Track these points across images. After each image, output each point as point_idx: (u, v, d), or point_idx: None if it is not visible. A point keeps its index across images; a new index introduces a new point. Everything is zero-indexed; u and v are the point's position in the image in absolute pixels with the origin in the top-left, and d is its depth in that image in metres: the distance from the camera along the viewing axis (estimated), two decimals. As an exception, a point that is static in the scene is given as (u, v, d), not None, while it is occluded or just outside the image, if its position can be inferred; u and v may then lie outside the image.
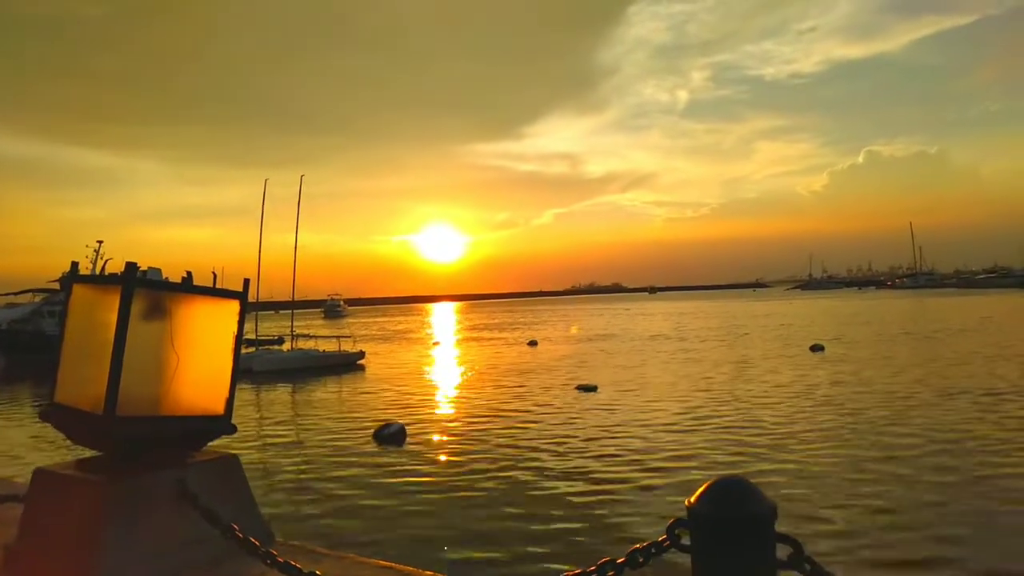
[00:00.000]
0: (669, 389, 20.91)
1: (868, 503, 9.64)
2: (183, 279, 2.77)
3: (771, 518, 1.46)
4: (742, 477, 1.52)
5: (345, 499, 10.84)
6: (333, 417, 18.75)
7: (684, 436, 14.26)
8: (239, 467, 2.85)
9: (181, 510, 2.46)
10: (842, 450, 12.57)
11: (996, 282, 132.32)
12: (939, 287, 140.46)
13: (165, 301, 2.64)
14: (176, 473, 2.54)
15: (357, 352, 34.09)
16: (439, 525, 9.41)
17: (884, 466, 11.43)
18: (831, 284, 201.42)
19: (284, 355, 33.31)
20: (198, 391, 2.75)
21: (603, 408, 18.08)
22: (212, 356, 2.81)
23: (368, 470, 12.61)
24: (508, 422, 16.69)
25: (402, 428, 15.38)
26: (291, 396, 24.45)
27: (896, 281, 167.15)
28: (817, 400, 17.85)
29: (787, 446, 13.02)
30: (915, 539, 8.31)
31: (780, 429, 14.50)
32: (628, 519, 9.39)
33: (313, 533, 9.04)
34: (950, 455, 11.91)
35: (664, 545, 1.61)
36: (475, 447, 14.11)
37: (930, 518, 8.99)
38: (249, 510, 2.80)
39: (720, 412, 16.72)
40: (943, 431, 13.70)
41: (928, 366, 23.67)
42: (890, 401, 17.23)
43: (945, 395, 17.70)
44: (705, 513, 1.47)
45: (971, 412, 15.46)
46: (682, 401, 18.59)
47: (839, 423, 14.90)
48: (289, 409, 21.59)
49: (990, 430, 13.63)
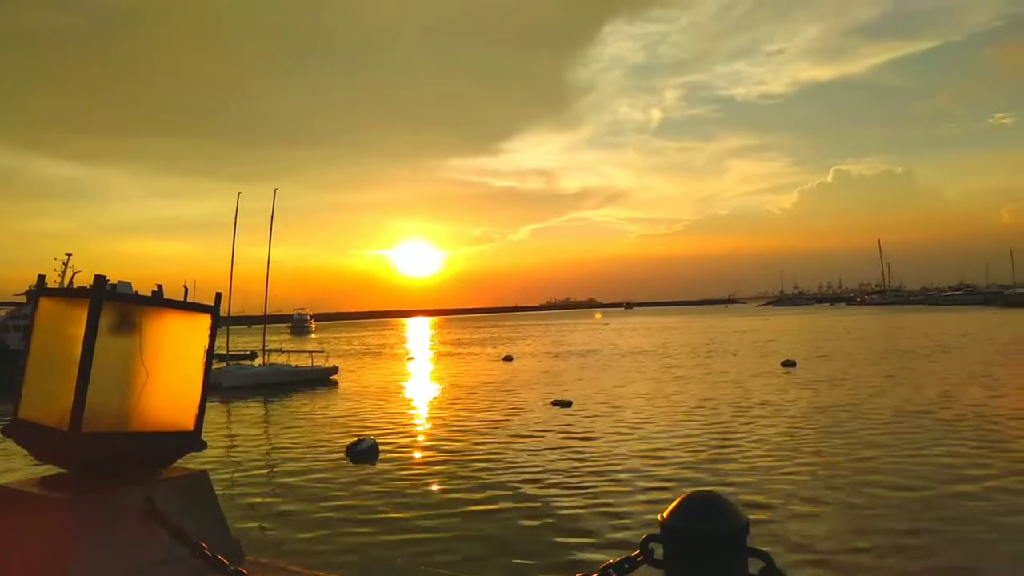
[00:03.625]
0: (643, 404, 20.98)
1: (840, 517, 9.74)
2: (153, 293, 2.74)
3: (743, 532, 1.47)
4: (715, 491, 1.53)
5: (316, 516, 10.69)
6: (305, 433, 18.52)
7: (658, 450, 14.31)
8: (208, 484, 2.80)
9: (149, 528, 2.42)
10: (815, 465, 12.69)
11: (961, 299, 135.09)
12: (906, 303, 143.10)
13: (134, 315, 2.60)
14: (144, 490, 2.49)
15: (330, 367, 33.80)
16: (411, 542, 9.31)
17: (856, 480, 11.55)
18: (802, 300, 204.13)
19: (255, 370, 32.89)
20: (167, 407, 2.71)
21: (577, 423, 18.08)
22: (182, 371, 2.77)
23: (340, 487, 12.46)
24: (482, 438, 16.62)
25: (374, 444, 15.24)
26: (262, 412, 24.12)
27: (865, 297, 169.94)
28: (789, 415, 18.02)
29: (759, 461, 13.12)
30: (883, 553, 8.40)
31: (753, 444, 14.61)
32: (601, 534, 9.38)
33: (283, 551, 8.90)
34: (919, 470, 12.08)
35: (637, 560, 1.61)
36: (448, 463, 14.02)
37: (897, 531, 9.10)
38: (218, 528, 2.76)
39: (693, 427, 16.81)
40: (914, 447, 13.91)
41: (902, 383, 24.05)
42: (862, 416, 17.45)
43: (913, 410, 17.98)
44: (678, 527, 1.47)
45: (940, 430, 15.71)
46: (656, 416, 18.66)
47: (812, 438, 15.06)
48: (260, 425, 21.29)
49: (960, 447, 13.87)
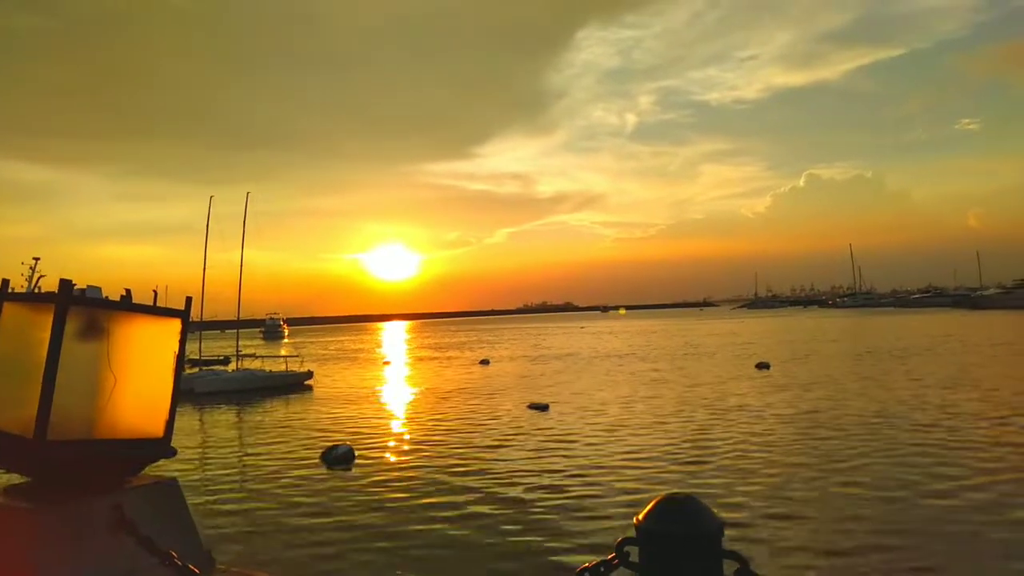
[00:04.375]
0: (620, 407, 21.06)
1: (813, 519, 9.85)
2: (122, 297, 2.68)
3: (718, 534, 1.48)
4: (690, 494, 1.54)
5: (290, 523, 10.57)
6: (279, 439, 18.33)
7: (634, 453, 14.36)
8: (179, 492, 2.75)
9: (117, 538, 2.37)
10: (789, 467, 12.83)
11: (930, 301, 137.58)
12: (877, 306, 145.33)
13: (102, 319, 2.55)
14: (112, 499, 2.44)
15: (305, 372, 33.51)
16: (387, 548, 9.25)
17: (829, 482, 11.70)
18: (776, 303, 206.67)
19: (228, 375, 32.50)
20: (136, 413, 2.65)
21: (554, 426, 18.10)
22: (151, 376, 2.72)
23: (314, 493, 12.35)
24: (459, 442, 16.57)
25: (350, 450, 15.12)
26: (235, 418, 23.82)
27: (837, 300, 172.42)
28: (763, 417, 18.20)
29: (734, 463, 13.23)
30: (858, 554, 8.51)
31: (728, 446, 14.73)
32: (577, 538, 9.38)
33: (257, 559, 8.79)
34: (891, 469, 12.27)
35: (613, 563, 1.61)
36: (425, 468, 13.95)
37: (871, 532, 9.22)
38: (189, 536, 2.71)
39: (669, 429, 16.91)
40: (888, 448, 14.12)
41: (876, 385, 24.41)
42: (834, 418, 17.67)
43: (883, 411, 18.26)
44: (653, 530, 1.47)
45: (914, 432, 15.97)
46: (632, 419, 18.74)
47: (786, 441, 15.22)
48: (233, 431, 21.03)
49: (935, 442, 14.10)
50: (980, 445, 13.90)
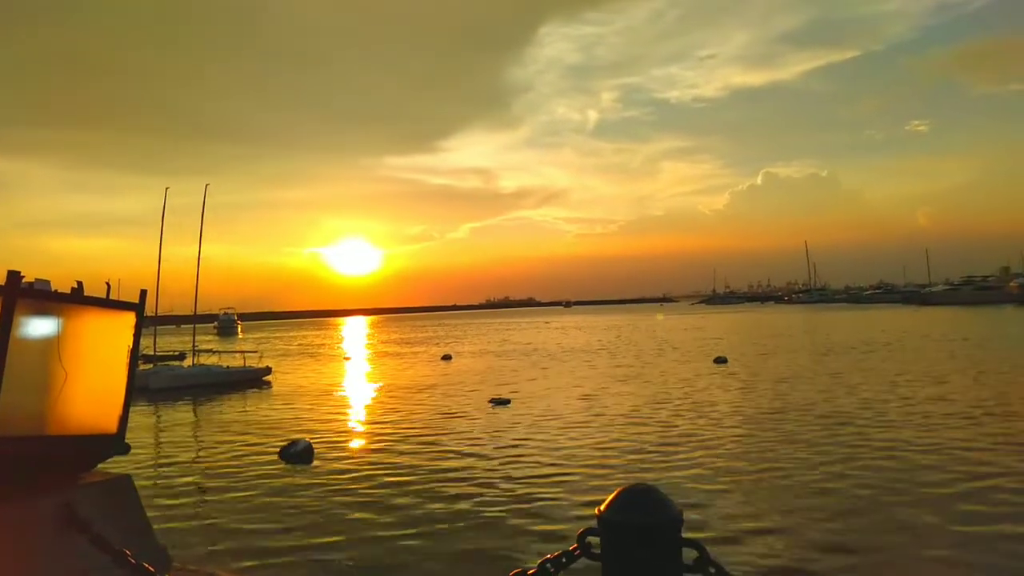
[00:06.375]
0: (581, 401, 21.21)
1: (768, 506, 10.06)
2: (73, 289, 2.61)
3: (678, 524, 1.50)
4: (650, 484, 1.56)
5: (247, 520, 10.42)
6: (236, 435, 18.04)
7: (595, 445, 14.49)
8: (132, 489, 2.70)
9: (68, 537, 2.31)
10: (745, 457, 13.08)
11: (881, 298, 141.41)
12: (831, 302, 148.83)
13: (52, 312, 2.48)
14: (63, 497, 2.37)
15: (263, 368, 33.03)
16: (347, 544, 9.18)
17: (784, 468, 11.96)
18: (733, 299, 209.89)
19: (184, 371, 31.87)
20: (88, 409, 2.59)
21: (516, 421, 18.16)
22: (104, 371, 2.66)
23: (273, 489, 12.19)
24: (419, 437, 16.51)
25: (309, 446, 14.96)
26: (192, 414, 23.38)
27: (793, 296, 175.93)
28: (720, 410, 18.52)
29: (692, 454, 13.44)
30: (810, 542, 8.72)
31: (687, 437, 14.95)
32: (539, 530, 9.44)
33: (213, 557, 8.65)
34: (839, 459, 12.59)
35: (575, 554, 1.63)
36: (385, 463, 13.88)
37: (822, 521, 9.46)
38: (144, 534, 2.65)
39: (630, 422, 17.10)
40: (839, 439, 14.49)
41: (828, 378, 25.02)
42: (788, 410, 18.06)
43: (837, 403, 18.73)
44: (614, 520, 1.49)
45: (862, 418, 16.42)
46: (593, 412, 18.90)
47: (743, 432, 15.50)
48: (189, 427, 20.63)
49: (883, 433, 14.52)
50: (930, 430, 14.36)
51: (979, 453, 12.73)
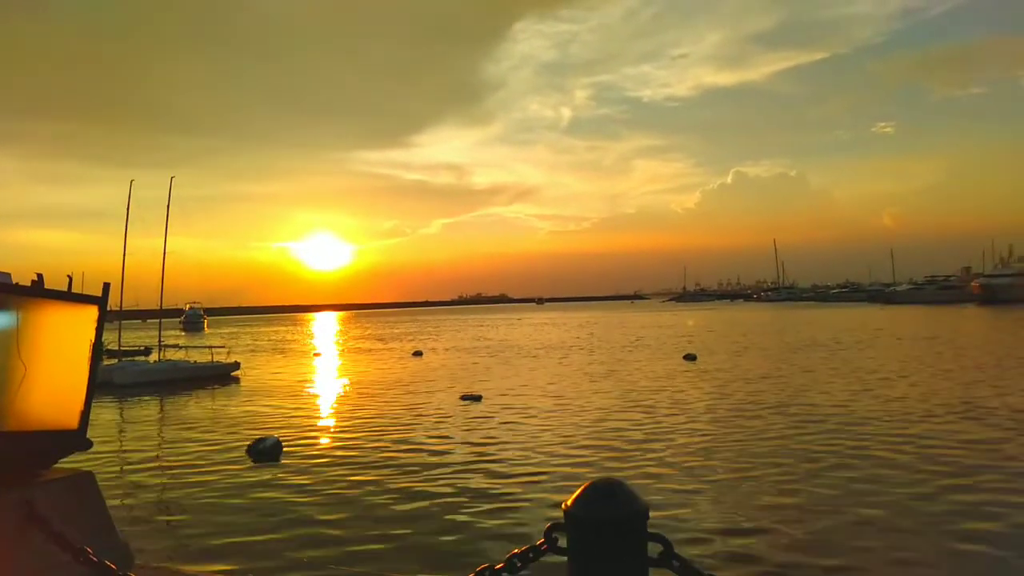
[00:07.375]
0: (552, 397, 21.29)
1: (736, 503, 10.21)
2: (33, 282, 2.55)
3: (644, 518, 1.52)
4: (616, 479, 1.57)
5: (213, 518, 10.29)
6: (203, 431, 17.79)
7: (564, 441, 14.56)
8: (95, 485, 2.65)
9: (28, 535, 2.26)
10: (715, 454, 13.24)
11: (848, 296, 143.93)
12: (798, 300, 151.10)
13: (11, 306, 2.42)
14: (22, 494, 2.33)
15: (232, 363, 32.64)
16: (315, 541, 9.11)
17: (750, 464, 12.13)
18: (703, 296, 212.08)
19: (150, 366, 31.33)
20: (48, 404, 2.54)
21: (486, 417, 18.17)
22: (65, 366, 2.61)
23: (240, 487, 12.04)
24: (389, 433, 16.44)
25: (277, 442, 14.81)
26: (157, 410, 23.00)
27: (761, 294, 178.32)
28: (689, 407, 18.72)
29: (660, 449, 13.57)
30: (776, 538, 8.86)
31: (655, 433, 15.09)
32: (508, 525, 9.46)
33: (177, 555, 8.53)
34: (809, 457, 12.81)
35: (542, 549, 1.64)
36: (354, 460, 13.80)
37: (791, 521, 9.61)
38: (106, 532, 2.61)
39: (600, 417, 17.21)
40: (806, 433, 14.74)
41: (798, 372, 25.41)
42: (757, 406, 18.32)
43: (801, 394, 19.05)
44: (581, 515, 1.50)
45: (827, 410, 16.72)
46: (564, 408, 18.98)
47: (712, 428, 15.69)
48: (154, 423, 20.30)
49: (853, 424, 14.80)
50: (892, 422, 14.67)
51: (950, 451, 13.03)
